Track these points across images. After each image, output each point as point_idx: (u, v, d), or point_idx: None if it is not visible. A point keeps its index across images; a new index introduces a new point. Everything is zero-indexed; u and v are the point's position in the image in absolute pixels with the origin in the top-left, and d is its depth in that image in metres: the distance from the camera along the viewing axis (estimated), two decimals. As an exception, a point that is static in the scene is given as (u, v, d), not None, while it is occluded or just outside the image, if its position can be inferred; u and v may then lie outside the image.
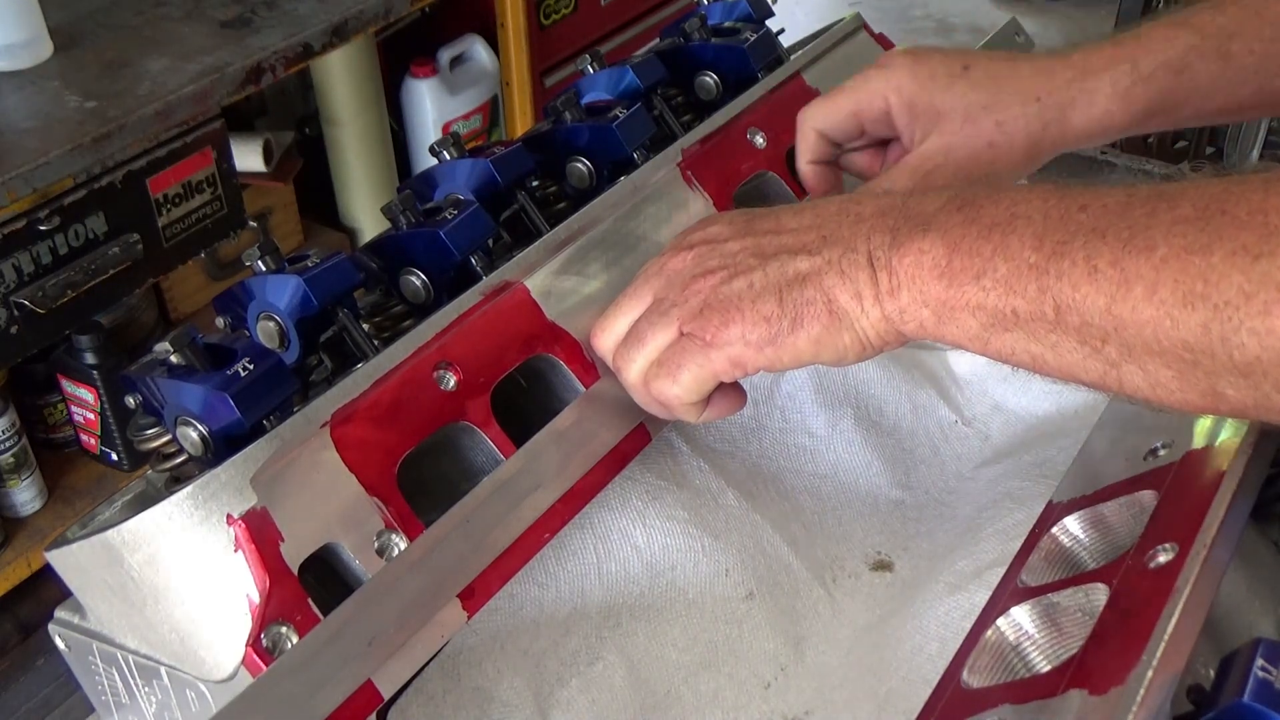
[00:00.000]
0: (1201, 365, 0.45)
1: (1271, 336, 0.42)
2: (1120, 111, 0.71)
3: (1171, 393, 0.47)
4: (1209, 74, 0.69)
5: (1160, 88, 0.70)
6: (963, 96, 0.72)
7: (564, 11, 2.12)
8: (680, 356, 0.60)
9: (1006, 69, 0.73)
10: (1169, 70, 0.70)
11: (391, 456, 0.59)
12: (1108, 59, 0.71)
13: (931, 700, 0.57)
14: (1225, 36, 0.69)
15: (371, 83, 2.02)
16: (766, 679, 0.68)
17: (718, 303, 0.59)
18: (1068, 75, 0.71)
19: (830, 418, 0.81)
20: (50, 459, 1.68)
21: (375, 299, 0.71)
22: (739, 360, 0.59)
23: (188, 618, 0.55)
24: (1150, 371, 0.47)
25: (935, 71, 0.72)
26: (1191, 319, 0.44)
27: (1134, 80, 0.70)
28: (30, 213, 1.30)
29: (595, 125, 0.78)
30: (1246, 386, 0.44)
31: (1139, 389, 0.48)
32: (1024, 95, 0.71)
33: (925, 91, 0.72)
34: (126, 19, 1.56)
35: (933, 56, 0.74)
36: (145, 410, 0.61)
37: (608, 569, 0.70)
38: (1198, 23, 0.70)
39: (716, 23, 0.91)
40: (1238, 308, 0.43)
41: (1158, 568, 0.55)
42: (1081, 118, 0.71)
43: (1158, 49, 0.70)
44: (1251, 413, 0.46)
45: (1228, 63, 0.69)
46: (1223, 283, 0.43)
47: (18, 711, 1.59)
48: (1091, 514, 0.64)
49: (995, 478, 0.79)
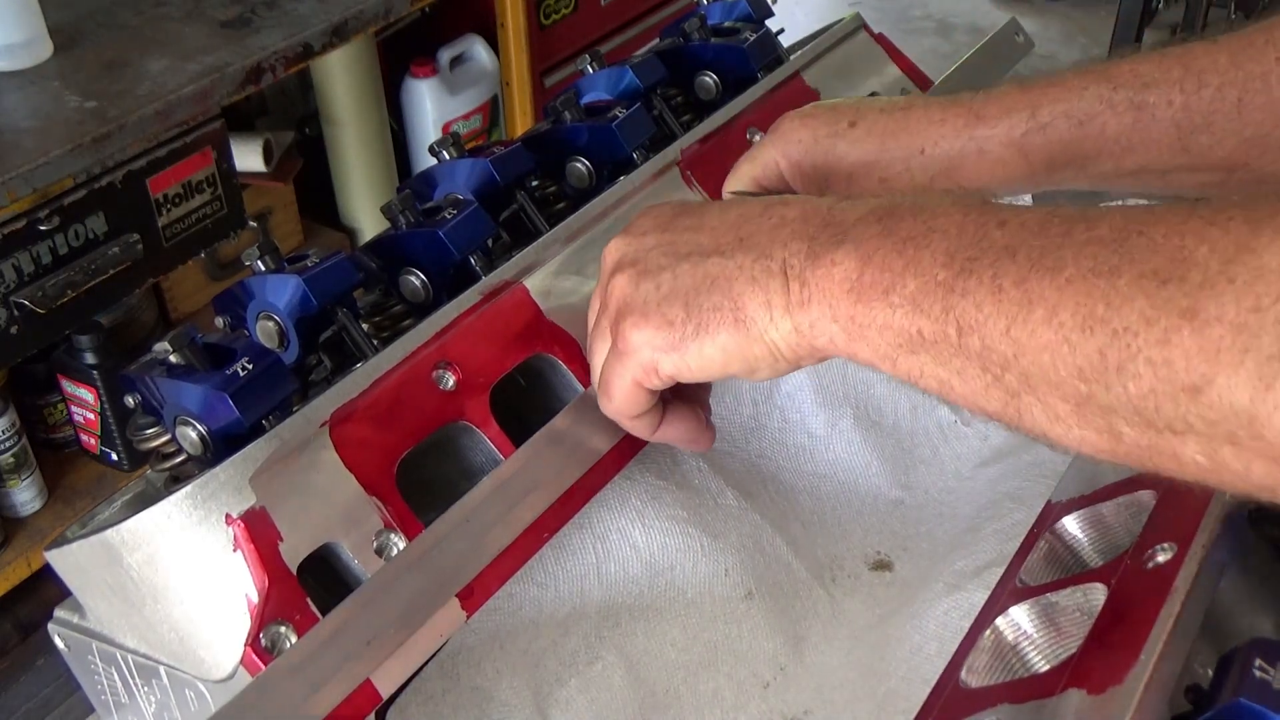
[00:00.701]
0: (1097, 398, 0.42)
1: (1167, 368, 0.39)
2: (1017, 162, 0.66)
3: (1070, 429, 0.44)
4: (1120, 126, 0.64)
5: (1061, 139, 0.65)
6: (845, 155, 0.68)
7: (564, 11, 2.12)
8: (610, 366, 0.59)
9: (894, 121, 0.68)
10: (1071, 120, 0.64)
11: (390, 456, 0.59)
12: (1004, 106, 0.66)
13: (930, 700, 0.57)
14: (1140, 86, 0.63)
15: (371, 83, 2.02)
16: (766, 679, 0.68)
17: (627, 306, 0.57)
18: (959, 124, 0.67)
19: (830, 417, 0.81)
20: (50, 459, 1.68)
21: (375, 299, 0.71)
22: (650, 366, 0.56)
23: (187, 617, 0.55)
24: (1049, 404, 0.44)
25: (818, 132, 0.69)
26: (1089, 344, 0.41)
27: (1029, 129, 0.65)
28: (30, 213, 1.30)
29: (595, 125, 0.78)
30: (1141, 425, 0.41)
31: (1038, 423, 0.45)
32: (908, 148, 0.67)
33: (809, 154, 0.69)
34: (126, 19, 1.56)
35: (819, 116, 0.70)
36: (145, 410, 0.61)
37: (607, 569, 0.70)
38: (1115, 71, 0.64)
39: (716, 23, 0.91)
40: (1136, 334, 0.40)
41: (1156, 567, 0.55)
42: (972, 169, 0.66)
43: (1061, 97, 0.65)
44: (1149, 461, 0.43)
45: (1141, 114, 0.63)
46: (1125, 307, 0.40)
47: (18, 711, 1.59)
48: (1090, 514, 0.65)
49: (995, 478, 0.79)
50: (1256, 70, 0.61)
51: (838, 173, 0.68)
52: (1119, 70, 0.64)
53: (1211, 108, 0.62)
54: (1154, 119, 0.63)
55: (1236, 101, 0.61)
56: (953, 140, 0.66)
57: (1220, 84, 0.61)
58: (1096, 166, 0.65)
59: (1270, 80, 0.61)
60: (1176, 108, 0.62)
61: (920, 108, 0.68)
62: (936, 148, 0.66)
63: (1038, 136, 0.65)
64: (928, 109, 0.68)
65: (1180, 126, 0.63)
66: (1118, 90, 0.64)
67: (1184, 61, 0.63)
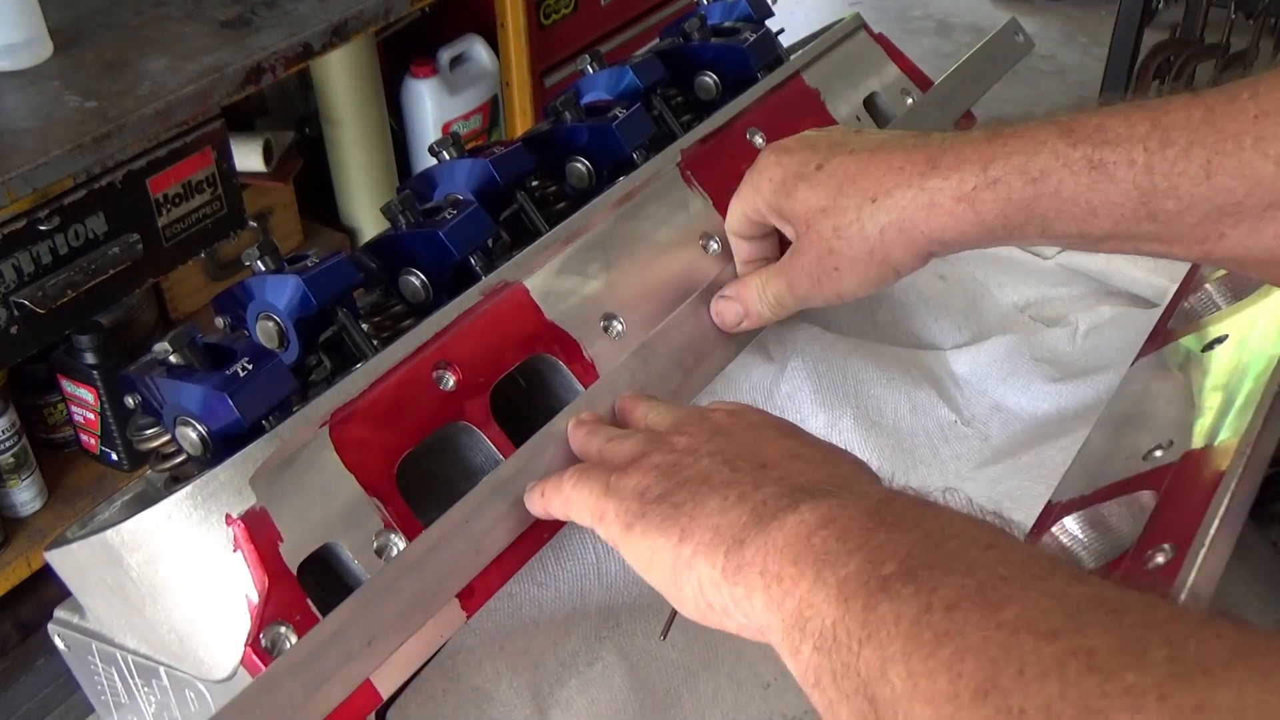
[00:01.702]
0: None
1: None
2: (970, 218, 0.61)
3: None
4: (1076, 186, 0.58)
5: (1014, 196, 0.60)
6: (805, 201, 0.66)
7: (564, 11, 2.12)
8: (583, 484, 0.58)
9: (857, 164, 0.65)
10: (1025, 177, 0.59)
11: (391, 456, 0.59)
12: (960, 157, 0.61)
13: (930, 700, 0.57)
14: (1100, 142, 0.57)
15: (371, 83, 2.02)
16: (766, 679, 0.68)
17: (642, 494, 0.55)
18: (914, 171, 0.63)
19: (830, 417, 0.81)
20: (50, 459, 1.68)
21: (375, 299, 0.71)
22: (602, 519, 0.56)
23: (187, 618, 0.55)
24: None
25: (788, 172, 0.67)
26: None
27: (980, 184, 0.60)
28: (30, 213, 1.30)
29: (595, 125, 0.78)
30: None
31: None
32: (861, 196, 0.64)
33: (777, 196, 0.67)
34: (126, 19, 1.56)
35: (793, 153, 0.68)
36: (145, 410, 0.61)
37: (607, 569, 0.70)
38: (1077, 124, 0.59)
39: (716, 23, 0.91)
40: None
41: (1156, 568, 0.55)
42: (924, 221, 0.62)
43: (1018, 149, 0.60)
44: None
45: (1099, 173, 0.57)
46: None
47: (18, 711, 1.59)
48: (1091, 514, 0.64)
49: (995, 478, 0.79)
50: (1230, 129, 0.54)
51: (798, 217, 0.67)
52: (1082, 124, 0.59)
53: (1176, 169, 0.55)
54: (1113, 179, 0.57)
55: (1204, 163, 0.55)
56: (905, 190, 0.63)
57: (1188, 143, 0.55)
58: (1060, 228, 0.60)
59: (1244, 141, 0.54)
60: (1139, 168, 0.56)
61: (886, 151, 0.65)
62: (889, 197, 0.63)
63: (988, 193, 0.60)
64: (891, 154, 0.64)
65: (1142, 189, 0.57)
66: (1076, 146, 0.58)
67: (1154, 116, 0.57)
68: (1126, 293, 0.95)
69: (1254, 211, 0.55)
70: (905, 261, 0.65)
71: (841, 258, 0.65)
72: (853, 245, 0.65)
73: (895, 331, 0.91)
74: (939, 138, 0.64)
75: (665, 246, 0.74)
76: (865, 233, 0.64)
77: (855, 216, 0.64)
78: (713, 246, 0.75)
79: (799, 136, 0.70)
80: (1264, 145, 0.53)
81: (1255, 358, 0.68)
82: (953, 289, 0.93)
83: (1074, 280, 0.96)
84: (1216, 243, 0.57)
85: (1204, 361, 0.73)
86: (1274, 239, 0.55)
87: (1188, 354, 0.75)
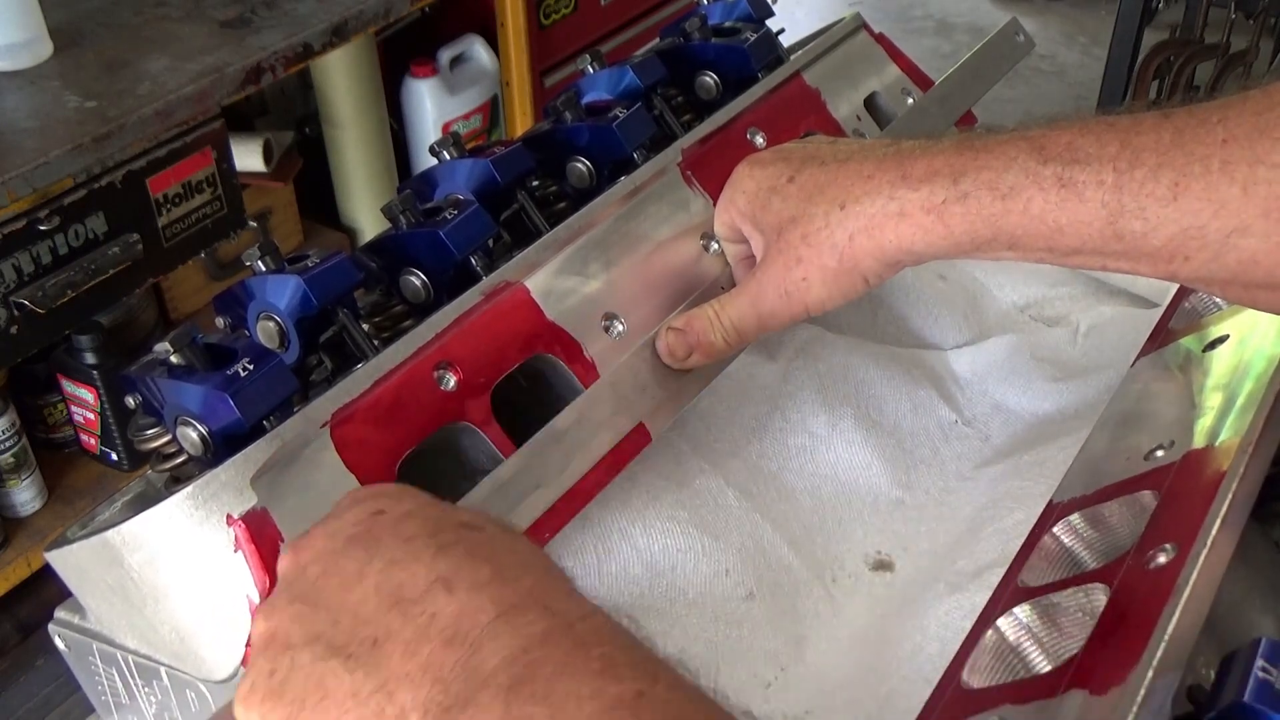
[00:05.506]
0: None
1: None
2: (939, 230, 0.61)
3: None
4: (1045, 204, 0.58)
5: (983, 212, 0.59)
6: (777, 212, 0.66)
7: (564, 11, 2.12)
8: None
9: (827, 175, 0.65)
10: (995, 193, 0.59)
11: (391, 457, 0.59)
12: (931, 168, 0.61)
13: (932, 700, 0.57)
14: (1071, 161, 0.57)
15: (371, 83, 2.02)
16: (767, 679, 0.68)
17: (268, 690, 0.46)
18: (884, 180, 0.62)
19: (830, 417, 0.81)
20: (50, 459, 1.68)
21: (375, 299, 0.71)
22: None
23: (187, 618, 0.55)
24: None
25: (761, 185, 0.67)
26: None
27: (950, 198, 0.60)
28: (30, 213, 1.30)
29: (595, 125, 0.78)
30: None
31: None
32: (830, 203, 0.64)
33: (751, 206, 0.68)
34: (126, 19, 1.56)
35: (768, 166, 0.68)
36: (145, 410, 0.61)
37: (608, 569, 0.70)
38: (1050, 141, 0.58)
39: (716, 22, 0.91)
40: None
41: (1158, 568, 0.55)
42: (894, 230, 0.62)
43: (988, 164, 0.59)
44: None
45: (1068, 192, 0.57)
46: None
47: (18, 711, 1.59)
48: (1092, 514, 0.64)
49: (995, 478, 0.79)
50: (1198, 152, 0.54)
51: (770, 228, 0.67)
52: (1054, 140, 0.58)
53: (1144, 190, 0.55)
54: (1081, 198, 0.57)
55: (1171, 185, 0.55)
56: (874, 198, 0.62)
57: (1157, 164, 0.55)
58: (1028, 244, 0.60)
59: (1211, 164, 0.54)
60: (1107, 187, 0.56)
61: (857, 161, 0.64)
62: (858, 204, 0.63)
63: (958, 206, 0.60)
64: (862, 164, 0.64)
65: (1110, 209, 0.56)
66: (1047, 164, 0.58)
67: (1124, 136, 0.56)
68: (1127, 292, 0.95)
69: (1219, 235, 0.55)
70: (874, 270, 0.64)
71: (810, 266, 0.65)
72: (821, 253, 0.64)
73: (896, 331, 0.91)
74: (910, 146, 0.64)
75: (666, 246, 0.74)
76: (834, 240, 0.64)
77: (824, 224, 0.64)
78: (713, 246, 0.75)
79: (775, 149, 0.70)
80: (1230, 169, 0.53)
81: (1256, 357, 0.68)
82: (953, 289, 0.93)
83: (1074, 280, 0.96)
84: (1182, 264, 0.56)
85: (1205, 361, 0.73)
86: (1237, 263, 0.55)
87: (1189, 354, 0.75)
